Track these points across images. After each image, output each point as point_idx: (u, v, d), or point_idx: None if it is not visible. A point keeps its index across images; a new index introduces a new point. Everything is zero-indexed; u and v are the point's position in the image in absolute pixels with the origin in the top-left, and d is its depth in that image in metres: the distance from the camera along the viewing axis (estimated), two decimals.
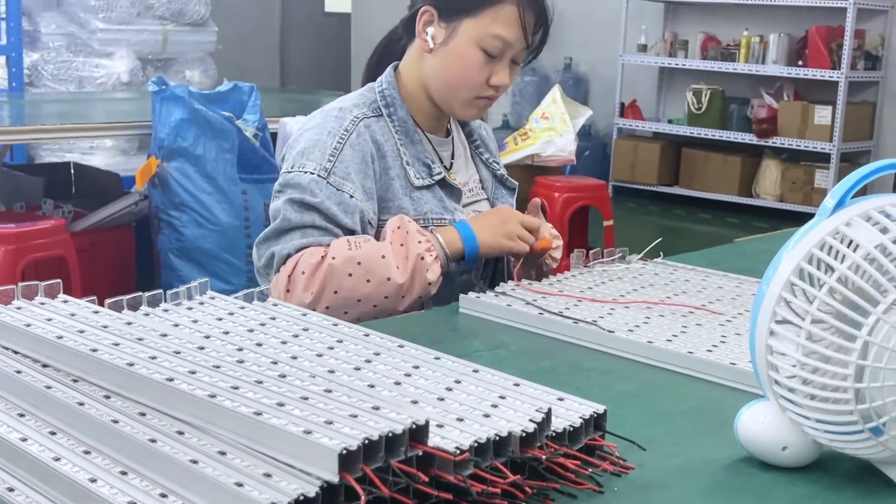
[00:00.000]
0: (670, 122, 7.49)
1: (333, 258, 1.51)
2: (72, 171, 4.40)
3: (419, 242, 1.54)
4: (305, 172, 1.59)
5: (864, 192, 0.94)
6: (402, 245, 1.54)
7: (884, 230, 0.91)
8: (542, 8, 1.67)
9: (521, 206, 1.79)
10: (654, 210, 7.16)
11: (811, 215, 0.97)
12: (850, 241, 0.92)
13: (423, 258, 1.53)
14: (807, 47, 6.74)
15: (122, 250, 3.80)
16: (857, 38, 6.62)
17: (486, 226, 1.62)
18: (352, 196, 1.59)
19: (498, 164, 1.86)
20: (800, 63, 6.81)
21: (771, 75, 6.94)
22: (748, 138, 6.95)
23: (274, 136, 3.80)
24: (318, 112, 1.70)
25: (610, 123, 7.61)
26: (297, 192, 1.58)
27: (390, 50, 1.79)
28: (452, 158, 1.78)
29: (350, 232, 1.58)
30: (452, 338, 1.37)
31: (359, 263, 1.51)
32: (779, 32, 6.90)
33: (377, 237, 1.61)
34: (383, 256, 1.52)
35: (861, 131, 6.82)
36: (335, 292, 1.51)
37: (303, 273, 1.51)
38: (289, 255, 1.55)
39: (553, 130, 4.93)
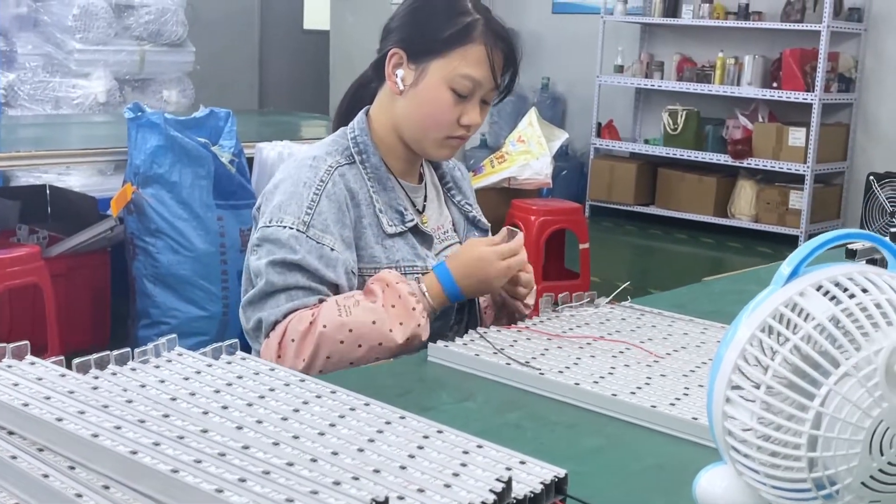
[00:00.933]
0: (646, 142, 7.55)
1: (324, 326, 1.51)
2: (47, 193, 4.39)
3: (413, 309, 1.55)
4: (284, 227, 1.59)
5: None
6: (393, 307, 1.55)
7: (836, 301, 0.93)
8: (511, 48, 1.69)
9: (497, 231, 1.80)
10: (631, 230, 7.20)
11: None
12: (803, 311, 0.94)
13: (420, 325, 1.55)
14: (781, 69, 6.82)
15: (98, 276, 3.80)
16: (831, 60, 6.70)
17: (466, 272, 1.61)
18: (332, 249, 1.59)
19: (471, 206, 1.88)
20: (774, 85, 6.88)
21: (746, 97, 7.01)
22: (723, 159, 7.01)
23: (250, 161, 3.80)
24: (291, 161, 1.70)
25: (587, 143, 7.66)
26: (277, 248, 1.58)
27: (361, 94, 1.81)
28: (425, 202, 1.80)
29: (334, 286, 1.59)
30: (420, 389, 1.39)
31: (350, 331, 1.52)
32: (753, 54, 6.97)
33: (360, 286, 1.62)
34: (374, 322, 1.53)
35: (835, 153, 6.89)
36: (328, 357, 1.52)
37: (292, 340, 1.52)
38: (276, 322, 1.56)
39: (529, 153, 4.97)
